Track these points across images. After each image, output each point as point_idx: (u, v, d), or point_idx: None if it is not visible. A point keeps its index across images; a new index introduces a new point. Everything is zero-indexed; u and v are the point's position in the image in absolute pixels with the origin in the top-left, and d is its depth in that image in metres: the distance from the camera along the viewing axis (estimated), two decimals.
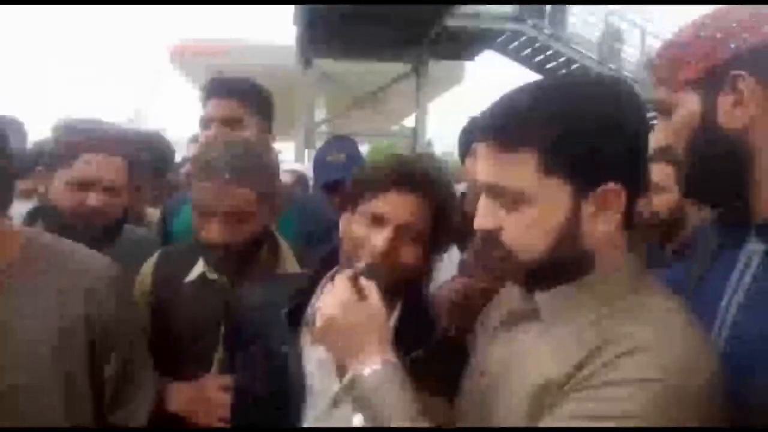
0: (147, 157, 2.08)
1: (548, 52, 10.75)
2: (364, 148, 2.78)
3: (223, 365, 1.38)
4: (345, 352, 0.93)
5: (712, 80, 0.86)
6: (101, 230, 1.52)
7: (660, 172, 1.95)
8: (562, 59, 10.66)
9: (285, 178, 2.77)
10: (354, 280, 0.97)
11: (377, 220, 1.08)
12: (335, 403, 1.04)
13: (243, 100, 1.84)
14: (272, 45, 9.32)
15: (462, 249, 1.63)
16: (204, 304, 1.41)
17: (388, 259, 1.05)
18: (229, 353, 1.34)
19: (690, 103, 0.89)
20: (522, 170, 0.81)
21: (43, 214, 1.59)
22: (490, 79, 13.73)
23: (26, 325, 1.18)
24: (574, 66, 10.52)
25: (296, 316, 1.11)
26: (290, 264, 1.51)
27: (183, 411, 1.36)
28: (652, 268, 0.93)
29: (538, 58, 11.06)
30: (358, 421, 0.92)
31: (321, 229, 1.75)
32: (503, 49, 10.90)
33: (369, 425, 0.89)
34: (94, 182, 1.50)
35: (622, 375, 0.75)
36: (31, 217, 1.63)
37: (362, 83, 9.15)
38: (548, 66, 11.02)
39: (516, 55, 11.16)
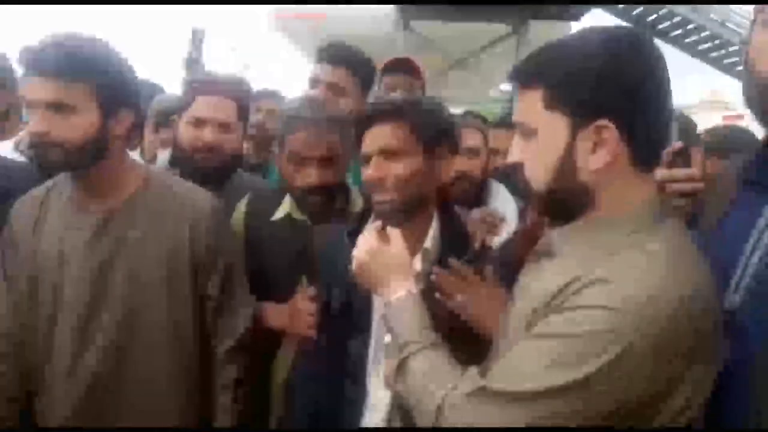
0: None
1: (661, 11, 10.00)
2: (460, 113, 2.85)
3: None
4: (376, 286, 1.14)
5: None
6: (215, 168, 1.76)
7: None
8: (678, 19, 9.88)
9: None
10: (381, 230, 1.18)
11: (366, 158, 1.27)
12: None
13: (351, 69, 2.02)
14: (370, 10, 9.41)
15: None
16: (289, 240, 1.61)
17: (382, 182, 1.25)
18: (310, 283, 1.52)
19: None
20: (531, 106, 0.91)
21: (174, 156, 1.86)
22: None
23: (142, 245, 1.42)
24: (690, 26, 9.74)
25: (355, 236, 1.27)
26: (358, 204, 1.67)
27: (278, 325, 1.57)
28: None
29: (650, 18, 10.32)
30: (387, 339, 1.13)
31: None
32: (613, 8, 10.27)
33: (392, 342, 1.07)
34: (208, 120, 1.74)
35: (580, 302, 0.82)
36: (171, 164, 1.91)
37: (459, 46, 9.05)
38: (661, 26, 10.27)
39: (626, 15, 10.49)
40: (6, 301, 1.45)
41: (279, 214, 1.65)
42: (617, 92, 0.86)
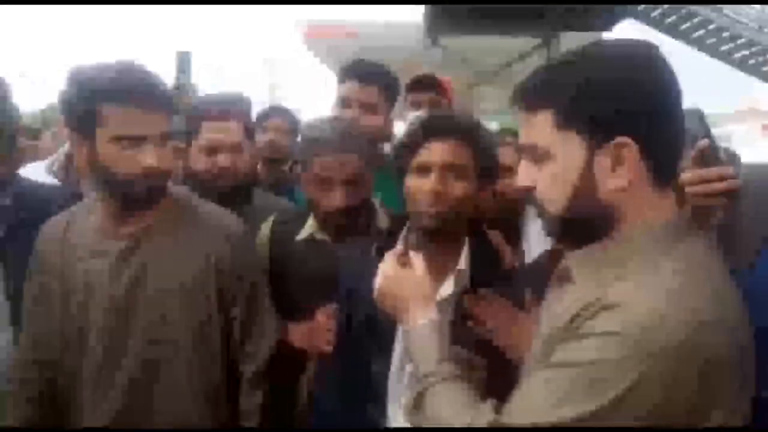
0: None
1: (695, 19, 9.80)
2: (492, 126, 2.81)
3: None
4: (397, 313, 1.12)
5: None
6: (233, 188, 1.78)
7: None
8: (712, 27, 9.67)
9: None
10: (402, 254, 1.16)
11: (424, 169, 1.24)
12: None
13: (382, 87, 2.02)
14: (398, 24, 9.47)
15: None
16: (312, 260, 1.61)
17: (440, 198, 1.21)
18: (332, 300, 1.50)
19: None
20: (542, 127, 0.88)
21: (187, 182, 1.87)
22: None
23: (169, 269, 1.42)
24: (725, 34, 9.52)
25: (384, 253, 1.26)
26: (383, 221, 1.67)
27: (300, 344, 1.57)
28: None
29: (684, 26, 10.12)
30: (409, 368, 1.11)
31: None
32: (646, 18, 10.10)
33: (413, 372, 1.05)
34: (220, 145, 1.76)
35: (592, 329, 0.80)
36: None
37: (488, 59, 9.03)
38: (695, 35, 10.06)
39: (660, 24, 10.29)
40: (35, 327, 1.47)
41: (302, 235, 1.65)
42: (636, 108, 0.83)
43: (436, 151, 1.25)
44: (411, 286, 1.11)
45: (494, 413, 0.87)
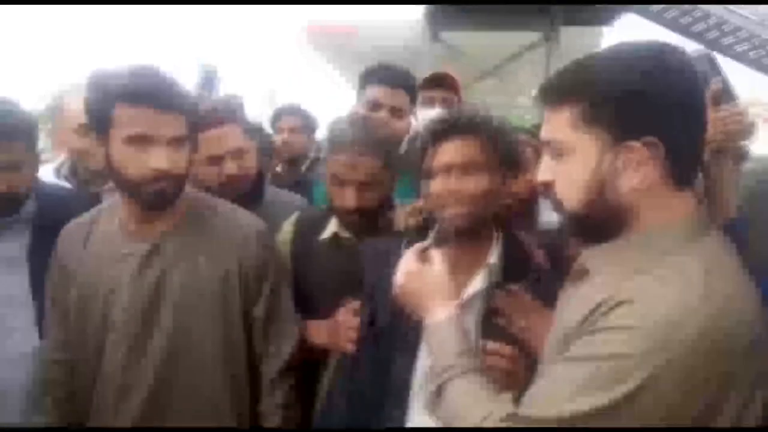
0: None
1: (696, 13, 9.79)
2: None
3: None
4: (418, 309, 1.12)
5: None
6: (245, 193, 1.76)
7: None
8: (713, 20, 9.66)
9: None
10: (422, 251, 1.17)
11: (438, 171, 1.25)
12: None
13: (408, 90, 2.07)
14: (400, 23, 9.44)
15: None
16: (336, 258, 1.61)
17: (462, 195, 1.22)
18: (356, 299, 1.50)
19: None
20: (562, 124, 0.89)
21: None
22: None
23: (192, 271, 1.42)
24: (726, 27, 9.51)
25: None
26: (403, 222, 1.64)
27: (321, 342, 1.56)
28: None
29: (684, 20, 10.11)
30: (429, 363, 1.09)
31: None
32: (645, 12, 10.09)
33: (433, 366, 1.05)
34: (222, 154, 1.72)
35: (607, 324, 0.81)
36: None
37: (490, 55, 9.00)
38: (696, 28, 10.05)
39: (659, 17, 10.28)
40: (58, 329, 1.48)
41: (326, 233, 1.65)
42: (661, 109, 0.84)
43: (448, 153, 1.25)
44: (431, 282, 1.12)
45: (513, 405, 0.89)
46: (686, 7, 9.68)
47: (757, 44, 9.60)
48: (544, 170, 0.95)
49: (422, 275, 1.13)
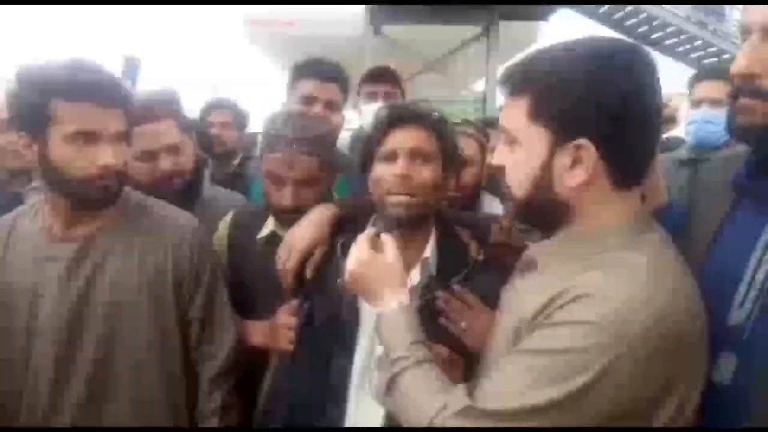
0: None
1: (628, 8, 10.15)
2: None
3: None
4: (369, 297, 1.10)
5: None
6: (181, 191, 1.69)
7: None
8: (643, 15, 10.04)
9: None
10: (373, 239, 1.14)
11: (390, 156, 1.25)
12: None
13: (341, 84, 2.05)
14: (340, 15, 9.38)
15: None
16: (273, 257, 1.55)
17: (409, 181, 1.22)
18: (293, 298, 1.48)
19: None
20: (517, 114, 0.90)
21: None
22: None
23: (122, 273, 1.37)
24: (656, 23, 9.91)
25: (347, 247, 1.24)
26: None
27: (260, 342, 1.53)
28: None
29: (617, 15, 10.47)
30: (379, 351, 1.08)
31: None
32: (580, 7, 10.39)
33: (384, 355, 1.03)
34: (158, 149, 1.65)
35: (564, 317, 0.82)
36: None
37: (430, 49, 9.06)
38: (628, 23, 10.43)
39: (593, 13, 10.61)
40: None
41: (264, 232, 1.61)
42: (599, 113, 0.84)
43: (402, 138, 1.26)
44: (383, 269, 1.09)
45: (468, 398, 0.87)
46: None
47: (683, 39, 10.04)
48: (498, 155, 0.97)
49: (374, 262, 1.10)
